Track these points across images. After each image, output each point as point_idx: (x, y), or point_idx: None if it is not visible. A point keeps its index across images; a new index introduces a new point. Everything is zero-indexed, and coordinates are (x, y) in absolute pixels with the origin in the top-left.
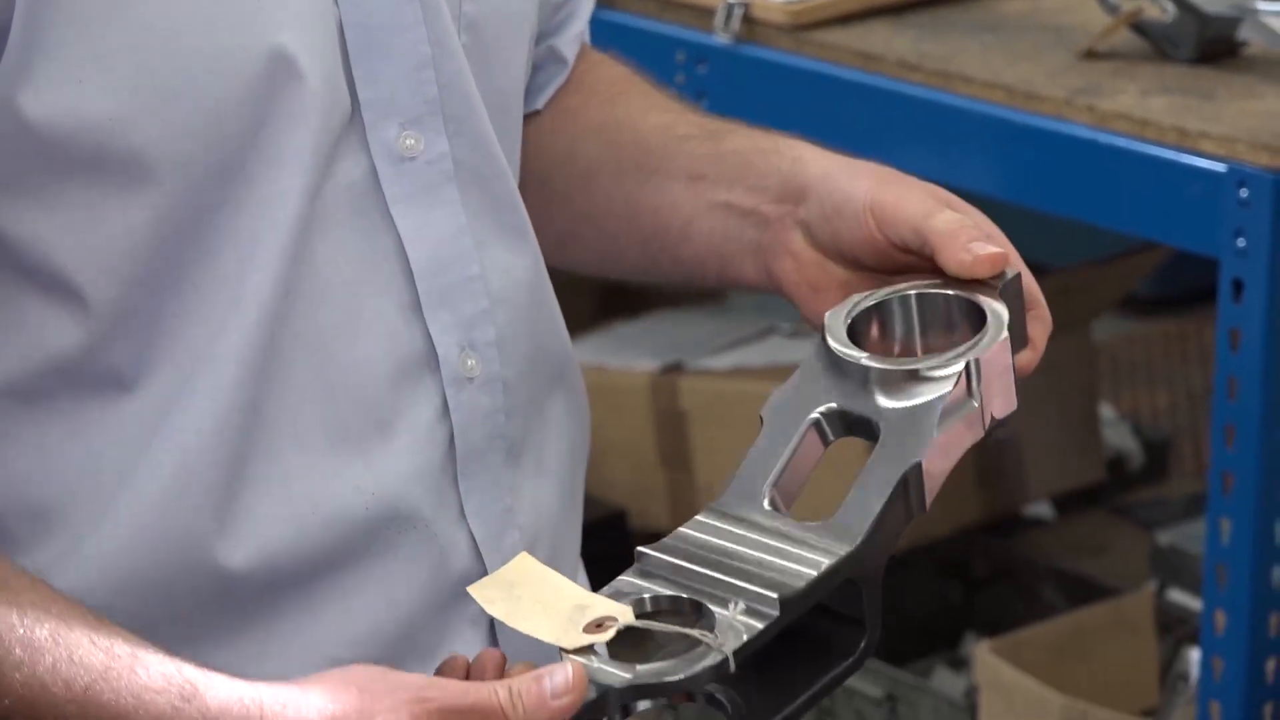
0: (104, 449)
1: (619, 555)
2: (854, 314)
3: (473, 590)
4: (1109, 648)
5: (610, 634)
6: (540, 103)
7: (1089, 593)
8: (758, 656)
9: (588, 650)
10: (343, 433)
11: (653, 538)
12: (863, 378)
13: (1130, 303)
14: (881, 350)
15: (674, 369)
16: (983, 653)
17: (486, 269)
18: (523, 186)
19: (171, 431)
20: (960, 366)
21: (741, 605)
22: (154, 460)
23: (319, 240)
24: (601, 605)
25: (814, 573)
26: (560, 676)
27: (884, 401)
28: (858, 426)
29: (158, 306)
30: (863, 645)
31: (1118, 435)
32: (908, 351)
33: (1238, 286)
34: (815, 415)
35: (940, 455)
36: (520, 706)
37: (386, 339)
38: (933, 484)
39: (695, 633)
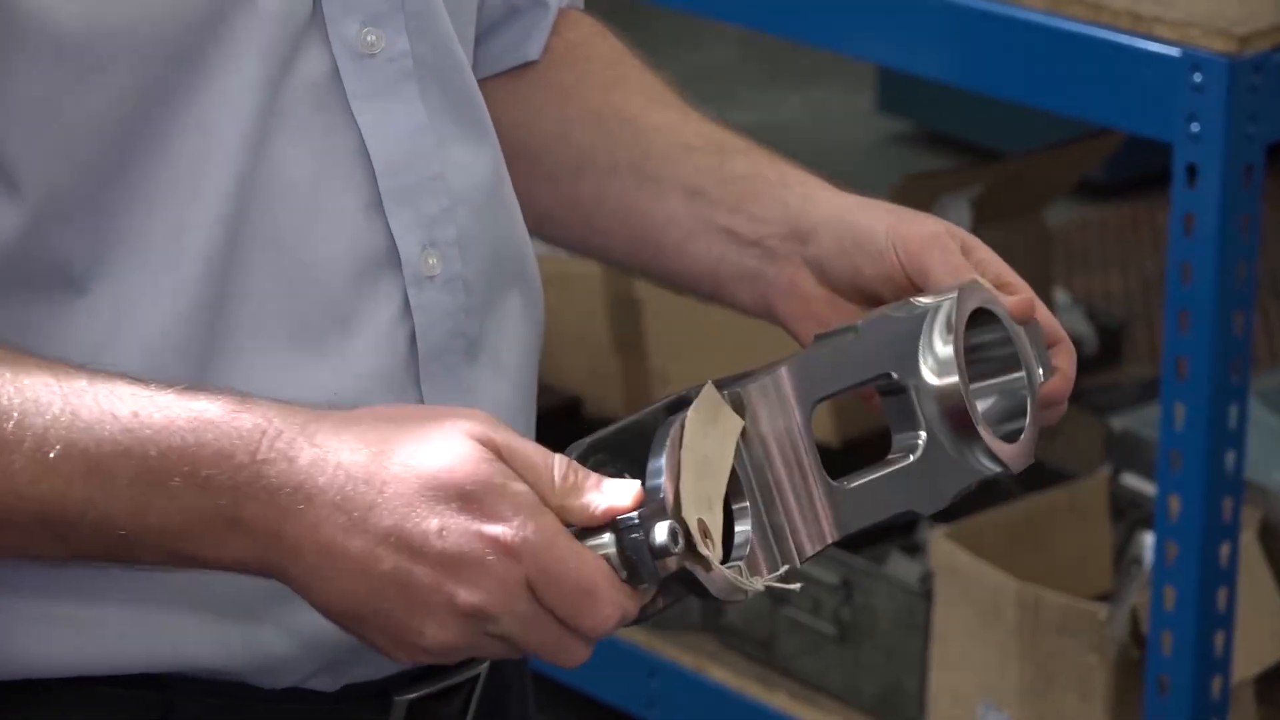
0: (60, 353)
1: (573, 442)
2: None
3: None
4: (1064, 533)
5: None
6: (535, 52)
7: (1044, 478)
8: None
9: None
10: (305, 332)
11: (606, 425)
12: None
13: (1084, 188)
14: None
15: None
16: (938, 539)
17: (447, 167)
18: (510, 156)
19: (133, 331)
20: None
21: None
22: (116, 362)
23: (280, 137)
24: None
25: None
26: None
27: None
28: (894, 391)
29: (109, 198)
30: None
31: (1072, 320)
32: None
33: (1191, 171)
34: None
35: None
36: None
37: (348, 237)
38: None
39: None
